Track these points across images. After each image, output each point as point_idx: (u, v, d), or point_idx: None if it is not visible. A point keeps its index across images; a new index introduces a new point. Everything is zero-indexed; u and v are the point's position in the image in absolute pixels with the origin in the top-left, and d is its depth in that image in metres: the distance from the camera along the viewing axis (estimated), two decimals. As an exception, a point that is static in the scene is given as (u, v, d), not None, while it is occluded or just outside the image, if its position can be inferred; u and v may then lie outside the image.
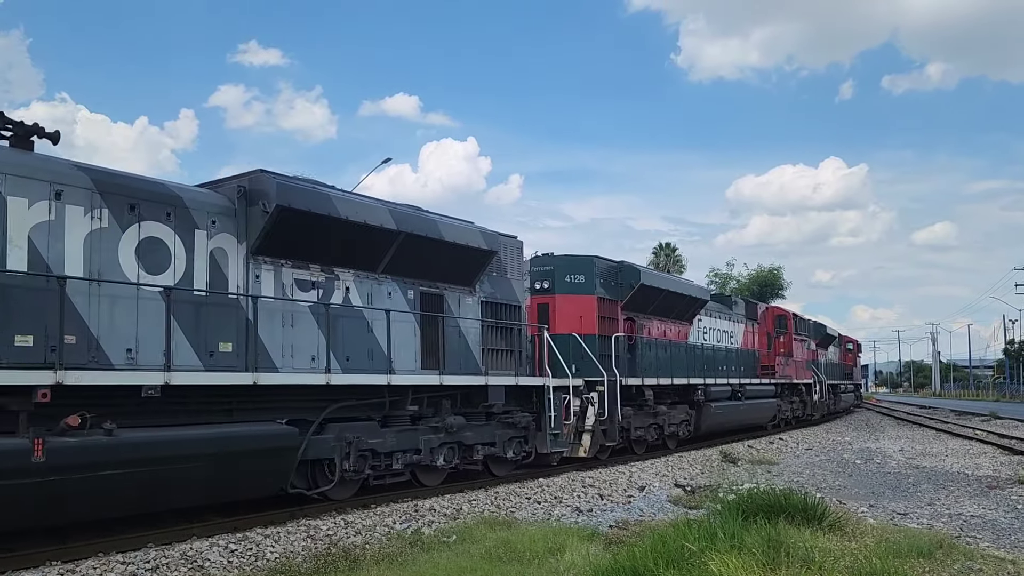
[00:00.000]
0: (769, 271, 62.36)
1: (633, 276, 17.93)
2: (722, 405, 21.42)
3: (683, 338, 20.76)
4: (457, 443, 12.14)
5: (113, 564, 7.30)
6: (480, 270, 12.96)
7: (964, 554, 7.19)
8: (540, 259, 16.84)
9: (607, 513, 10.38)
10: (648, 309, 18.64)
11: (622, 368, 16.54)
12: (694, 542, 5.87)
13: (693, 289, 21.47)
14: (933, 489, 13.09)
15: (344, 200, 10.75)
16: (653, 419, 17.97)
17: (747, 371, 24.77)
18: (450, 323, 12.43)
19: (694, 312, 21.20)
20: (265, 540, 8.41)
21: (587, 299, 16.56)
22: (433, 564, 6.91)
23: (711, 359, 22.11)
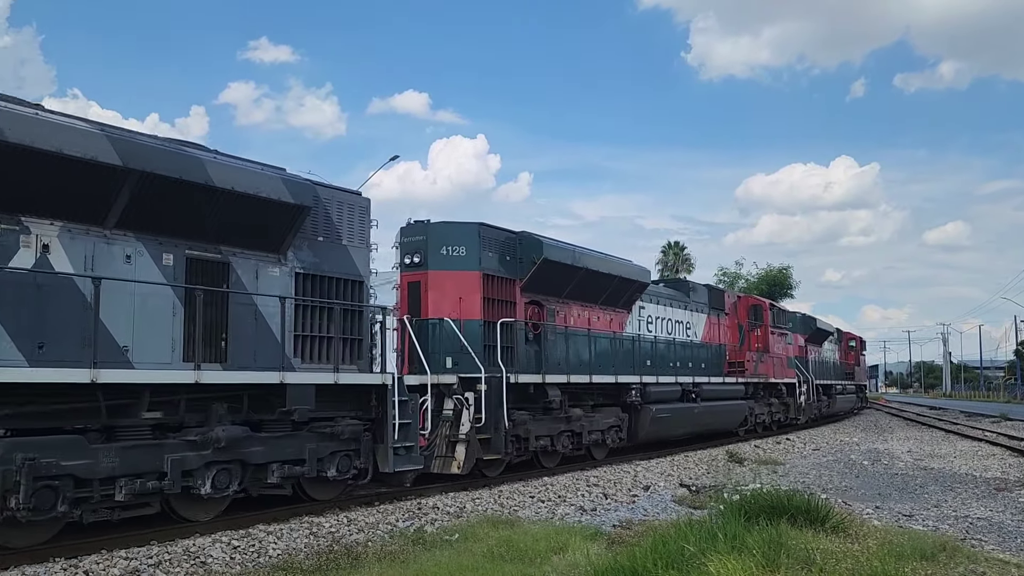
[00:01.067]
0: (779, 270, 62.06)
1: (534, 249, 14.41)
2: (668, 408, 18.02)
3: (619, 328, 17.53)
4: (238, 462, 8.95)
5: (116, 560, 7.34)
6: (288, 231, 9.87)
7: (968, 557, 7.14)
8: (412, 227, 13.61)
9: (611, 512, 10.37)
10: (563, 292, 15.50)
11: (516, 362, 13.76)
12: (694, 543, 5.85)
13: (627, 269, 17.56)
14: (940, 491, 13.02)
15: (13, 117, 7.48)
16: (565, 425, 14.74)
17: (710, 368, 21.50)
18: (240, 300, 9.39)
19: (632, 297, 17.92)
20: (268, 537, 8.44)
21: (469, 276, 13.40)
22: (435, 562, 6.92)
23: (656, 354, 18.78)
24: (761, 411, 24.71)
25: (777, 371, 25.76)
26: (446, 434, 12.35)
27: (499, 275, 13.93)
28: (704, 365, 21.22)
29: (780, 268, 62.36)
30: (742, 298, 25.94)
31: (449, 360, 12.81)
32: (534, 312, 14.83)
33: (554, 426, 14.40)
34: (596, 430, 15.71)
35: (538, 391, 14.12)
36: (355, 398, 10.56)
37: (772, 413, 25.68)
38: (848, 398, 39.06)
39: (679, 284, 22.76)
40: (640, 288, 18.10)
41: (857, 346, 44.39)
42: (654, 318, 19.32)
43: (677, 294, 21.45)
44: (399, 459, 10.67)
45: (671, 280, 22.85)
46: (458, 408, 12.48)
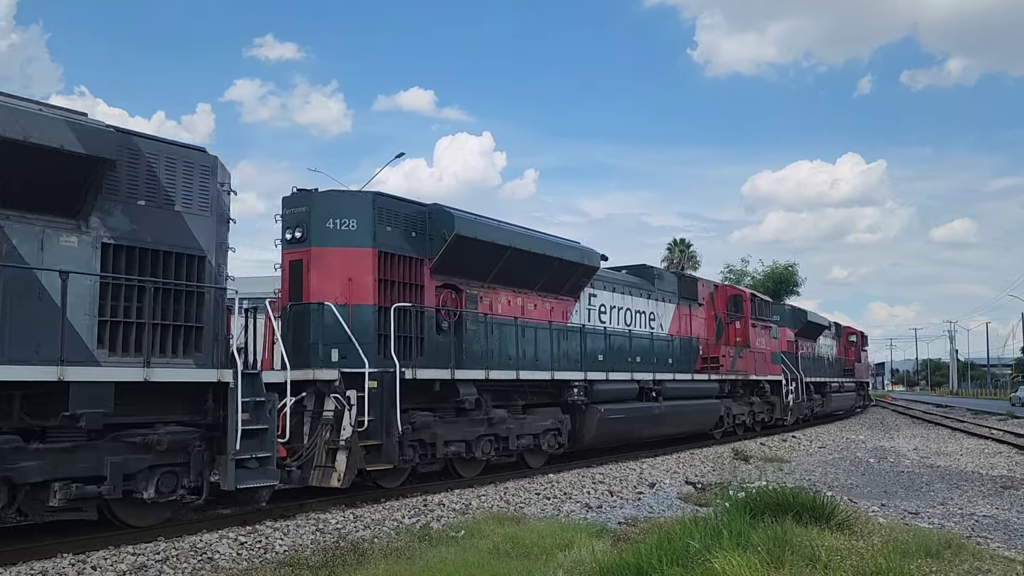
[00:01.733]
0: (785, 268, 61.96)
1: (444, 224, 12.19)
2: (621, 408, 15.79)
3: (563, 318, 15.34)
4: (2, 479, 7.24)
5: (124, 555, 7.38)
6: (87, 191, 7.88)
7: (973, 554, 7.13)
8: (294, 197, 11.62)
9: (616, 510, 10.38)
10: (488, 276, 13.29)
11: (422, 355, 11.82)
12: (699, 540, 5.86)
13: (570, 251, 15.15)
14: (946, 488, 12.99)
15: None
16: (486, 429, 12.66)
17: (680, 364, 19.27)
18: (16, 276, 7.46)
19: (578, 283, 15.64)
20: (274, 533, 8.48)
21: (359, 254, 11.33)
22: (441, 559, 6.94)
23: (611, 348, 16.63)
24: (740, 411, 22.41)
25: (759, 367, 23.20)
26: (326, 440, 10.34)
27: (402, 254, 11.80)
28: (672, 361, 18.95)
29: (786, 265, 62.28)
30: (720, 288, 23.48)
31: (335, 353, 10.79)
32: (449, 298, 12.66)
33: (471, 430, 12.36)
34: (528, 434, 13.58)
35: (449, 389, 11.97)
36: (189, 400, 8.58)
37: (754, 413, 23.46)
38: (846, 396, 36.51)
39: (642, 271, 19.69)
40: (587, 273, 15.72)
41: (858, 341, 41.83)
42: (609, 307, 16.96)
43: (639, 282, 18.90)
44: (246, 473, 8.63)
45: (634, 267, 19.59)
46: (339, 410, 10.41)
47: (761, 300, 24.59)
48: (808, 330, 30.84)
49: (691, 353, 20.40)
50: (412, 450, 11.28)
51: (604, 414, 15.16)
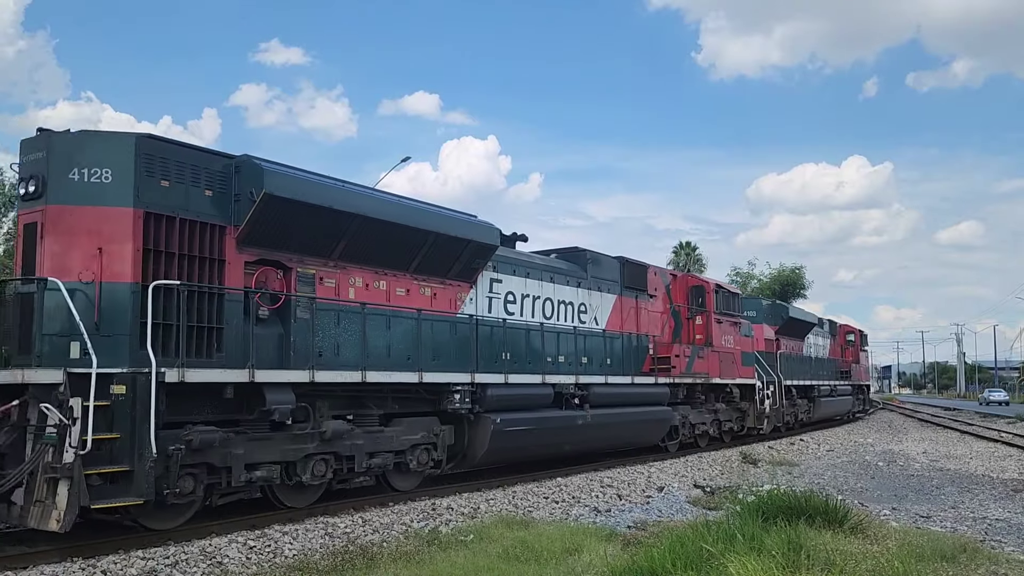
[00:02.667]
0: (791, 270, 61.81)
1: (252, 180, 9.43)
2: (527, 418, 13.03)
3: (450, 307, 12.42)
4: None
5: (133, 560, 7.36)
6: None
7: (988, 558, 7.08)
8: (33, 140, 8.88)
9: (625, 513, 10.33)
10: (333, 251, 10.52)
11: (222, 351, 9.03)
12: (713, 544, 5.82)
13: (454, 224, 12.20)
14: (957, 492, 12.92)
15: None
16: (317, 446, 9.85)
17: (621, 365, 16.36)
18: None
19: (471, 265, 12.66)
20: (283, 537, 8.45)
21: (114, 215, 8.59)
22: (450, 563, 6.91)
23: (519, 344, 13.65)
24: (701, 419, 19.38)
25: (725, 369, 20.12)
26: (48, 466, 7.46)
27: (186, 217, 9.00)
28: (610, 361, 16.04)
29: (793, 268, 62.11)
30: (679, 278, 20.30)
31: (76, 347, 8.17)
32: (272, 277, 9.95)
33: (293, 448, 9.60)
34: (386, 451, 10.86)
35: (256, 396, 9.27)
36: None
37: (719, 422, 20.40)
38: (841, 401, 32.90)
39: (573, 254, 16.44)
40: (482, 252, 12.71)
41: (857, 340, 38.02)
42: (519, 296, 13.99)
43: (566, 267, 15.81)
44: None
45: (564, 250, 16.57)
46: (64, 425, 7.56)
47: (728, 292, 21.24)
48: (791, 327, 27.76)
49: (637, 353, 17.21)
50: (193, 478, 8.56)
51: (500, 425, 12.27)
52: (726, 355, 20.27)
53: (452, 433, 12.04)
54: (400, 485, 11.44)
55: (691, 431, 18.95)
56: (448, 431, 11.95)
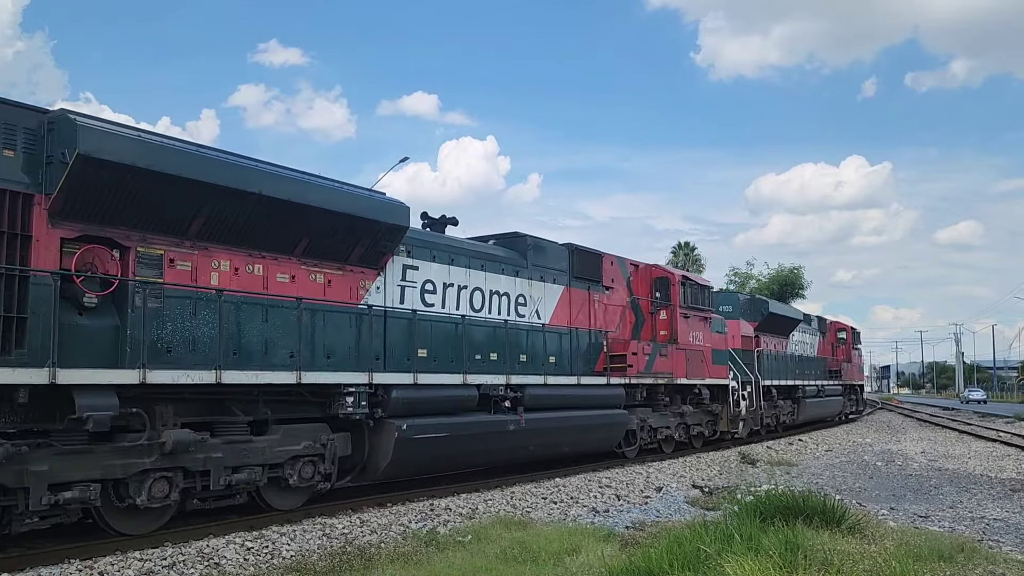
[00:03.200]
0: (790, 271, 61.89)
1: (67, 139, 7.78)
2: (441, 424, 11.35)
3: (351, 297, 10.73)
4: None
5: (131, 561, 7.36)
6: None
7: (986, 558, 7.08)
8: None
9: (624, 514, 10.33)
10: (188, 227, 8.91)
11: (25, 346, 7.43)
12: (710, 544, 5.82)
13: (351, 201, 10.48)
14: (955, 492, 12.92)
15: None
16: (159, 460, 8.25)
17: (568, 363, 14.89)
18: None
19: (378, 249, 10.96)
20: (281, 538, 8.45)
21: None
22: (448, 564, 6.90)
23: (432, 340, 11.93)
24: (664, 423, 17.63)
25: (693, 368, 18.35)
26: None
27: None
28: (555, 359, 14.55)
29: (791, 268, 62.20)
30: (641, 268, 18.17)
31: None
32: (105, 258, 8.33)
33: (119, 463, 7.98)
34: (252, 465, 9.16)
35: (67, 402, 7.53)
36: None
37: (687, 426, 18.65)
38: (831, 402, 31.09)
39: (512, 240, 14.67)
40: (390, 235, 10.99)
41: (848, 338, 36.08)
42: (440, 285, 12.30)
43: (503, 254, 14.08)
44: None
45: (504, 235, 14.85)
46: None
47: (697, 285, 19.28)
48: (773, 324, 25.66)
49: (589, 350, 15.60)
50: None
51: (407, 432, 10.65)
52: (694, 353, 18.56)
53: (347, 442, 10.37)
54: (279, 503, 9.74)
55: (652, 436, 17.25)
56: (342, 439, 10.27)
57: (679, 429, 18.33)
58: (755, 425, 22.12)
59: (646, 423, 16.93)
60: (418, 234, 12.46)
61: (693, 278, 19.53)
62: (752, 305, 25.34)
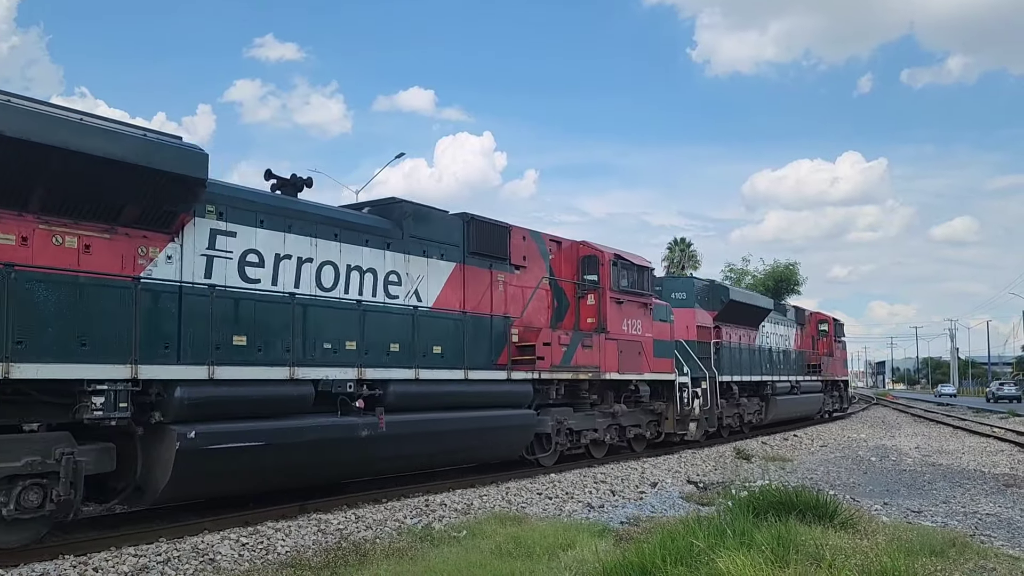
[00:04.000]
0: (785, 266, 61.98)
1: None
2: (254, 431, 9.07)
3: (125, 268, 8.32)
4: None
5: (125, 557, 7.36)
6: None
7: (978, 553, 7.12)
8: None
9: (619, 509, 10.36)
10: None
11: None
12: (703, 539, 5.84)
13: (113, 141, 7.90)
14: (949, 487, 12.97)
15: None
16: None
17: (458, 355, 12.08)
18: None
19: (163, 206, 8.52)
20: (276, 534, 8.46)
21: None
22: (443, 559, 6.92)
23: (250, 324, 9.44)
24: (588, 425, 15.02)
25: (628, 361, 15.78)
26: None
27: None
28: (441, 350, 11.86)
29: (787, 264, 62.28)
30: (565, 246, 15.56)
31: None
32: None
33: None
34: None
35: None
36: None
37: (622, 428, 16.10)
38: (806, 400, 28.49)
39: (387, 207, 12.19)
40: (179, 188, 8.53)
41: (831, 331, 32.94)
42: (269, 256, 9.89)
43: (370, 223, 11.57)
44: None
45: (378, 202, 12.60)
46: None
47: (633, 266, 16.36)
48: (737, 313, 22.74)
49: (491, 340, 12.94)
50: None
51: (196, 442, 8.32)
52: (629, 344, 15.86)
53: (108, 455, 8.01)
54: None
55: (573, 440, 14.73)
56: (95, 453, 7.88)
57: (611, 431, 15.75)
58: (711, 427, 19.67)
59: (564, 425, 14.29)
60: (235, 191, 9.82)
61: (628, 257, 16.32)
62: (711, 292, 22.22)
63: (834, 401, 33.71)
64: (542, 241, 14.82)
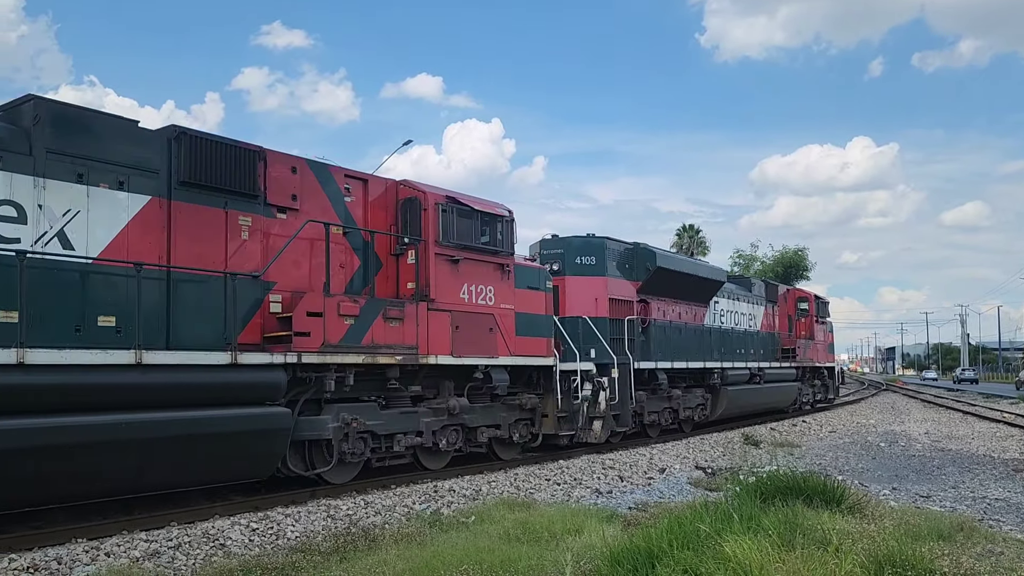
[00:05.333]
0: (794, 252, 61.75)
1: None
2: None
3: None
4: None
5: (137, 542, 7.44)
6: None
7: (986, 537, 7.12)
8: None
9: (627, 495, 10.40)
10: None
11: None
12: (709, 524, 5.86)
13: None
14: (958, 472, 12.97)
15: None
16: None
17: (160, 331, 8.69)
18: None
19: None
20: (286, 519, 8.53)
21: None
22: (451, 544, 6.96)
23: None
24: (404, 426, 11.13)
25: (467, 341, 11.86)
26: None
27: None
28: (117, 324, 8.31)
29: (796, 250, 62.07)
30: (373, 183, 11.63)
31: None
32: None
33: None
34: None
35: None
36: None
37: (462, 428, 12.10)
38: (776, 390, 24.21)
39: (10, 112, 8.35)
40: None
41: (811, 310, 28.39)
42: None
43: None
44: None
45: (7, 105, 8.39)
46: None
47: (473, 212, 12.24)
48: (670, 285, 18.44)
49: (229, 310, 9.12)
50: None
51: None
52: (471, 318, 11.95)
53: None
54: None
55: (385, 446, 10.87)
56: None
57: (445, 434, 11.74)
58: (624, 426, 15.72)
59: (357, 427, 10.30)
60: None
61: (468, 202, 12.22)
62: (632, 258, 17.61)
63: (816, 391, 29.23)
64: (329, 176, 10.90)
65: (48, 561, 6.81)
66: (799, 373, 26.80)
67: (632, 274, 17.50)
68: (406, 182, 11.95)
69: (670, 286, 18.60)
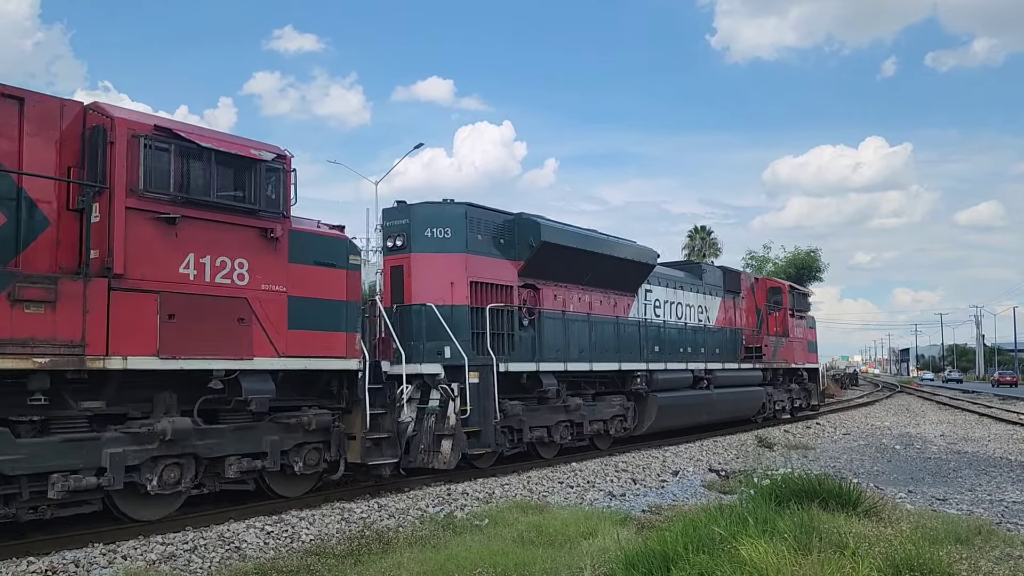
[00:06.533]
0: (807, 253, 61.37)
1: None
2: None
3: None
4: None
5: (153, 545, 7.48)
6: None
7: (1004, 541, 7.06)
8: None
9: (640, 498, 10.36)
10: None
11: None
12: (725, 527, 5.83)
13: None
14: (974, 475, 12.86)
15: None
16: None
17: None
18: None
19: None
20: (300, 523, 8.55)
21: None
22: (465, 547, 6.96)
23: None
24: (64, 461, 7.41)
25: (185, 337, 8.16)
26: None
27: None
28: None
29: (808, 251, 61.68)
30: (32, 103, 7.71)
31: None
32: None
33: None
34: None
35: None
36: None
37: (152, 466, 8.06)
38: (732, 396, 19.80)
39: None
40: None
41: (785, 302, 23.83)
42: None
43: None
44: None
45: None
46: None
47: (199, 149, 8.51)
48: (566, 266, 14.58)
49: None
50: None
51: None
52: (197, 303, 8.40)
53: None
54: None
55: None
56: None
57: (156, 470, 8.14)
58: (486, 446, 12.13)
59: None
60: None
61: (199, 137, 8.71)
62: (508, 231, 13.75)
63: (794, 396, 24.48)
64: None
65: (66, 564, 6.85)
66: (768, 376, 22.39)
67: (512, 252, 13.68)
68: (96, 105, 8.35)
69: (571, 269, 14.75)
